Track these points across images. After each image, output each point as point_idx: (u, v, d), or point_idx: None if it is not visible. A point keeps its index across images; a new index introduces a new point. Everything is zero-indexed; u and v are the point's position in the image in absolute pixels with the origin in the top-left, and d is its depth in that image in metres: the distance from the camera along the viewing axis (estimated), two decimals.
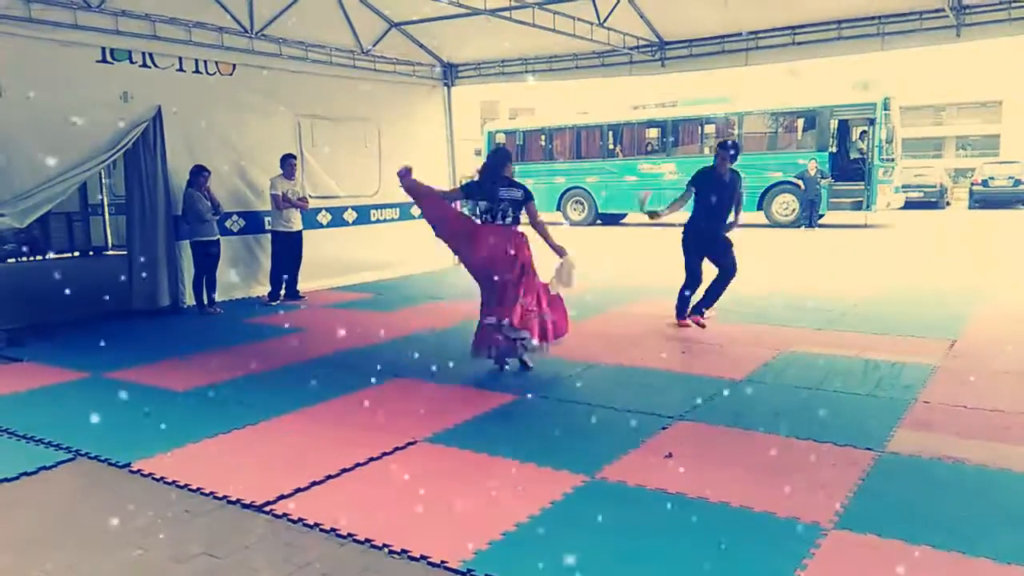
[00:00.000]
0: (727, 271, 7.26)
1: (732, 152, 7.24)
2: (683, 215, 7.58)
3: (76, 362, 6.41)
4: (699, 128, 21.52)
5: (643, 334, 7.16)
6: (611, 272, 10.88)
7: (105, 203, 15.80)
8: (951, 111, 49.40)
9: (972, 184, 27.47)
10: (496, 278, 5.68)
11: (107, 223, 15.99)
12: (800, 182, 18.81)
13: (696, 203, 7.32)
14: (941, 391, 5.15)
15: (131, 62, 8.44)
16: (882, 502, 3.49)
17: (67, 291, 7.93)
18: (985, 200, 26.11)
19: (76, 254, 15.50)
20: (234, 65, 9.45)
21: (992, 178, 26.48)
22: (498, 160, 6.01)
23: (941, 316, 7.60)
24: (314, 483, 3.84)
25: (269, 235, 9.45)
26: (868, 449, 4.11)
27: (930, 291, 9.25)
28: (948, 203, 27.90)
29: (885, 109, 18.89)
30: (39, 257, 14.93)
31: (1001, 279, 10.05)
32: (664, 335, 7.13)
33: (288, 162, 9.23)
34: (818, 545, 3.10)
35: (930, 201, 26.31)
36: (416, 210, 6.97)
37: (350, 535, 3.27)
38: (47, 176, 7.61)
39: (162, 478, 3.96)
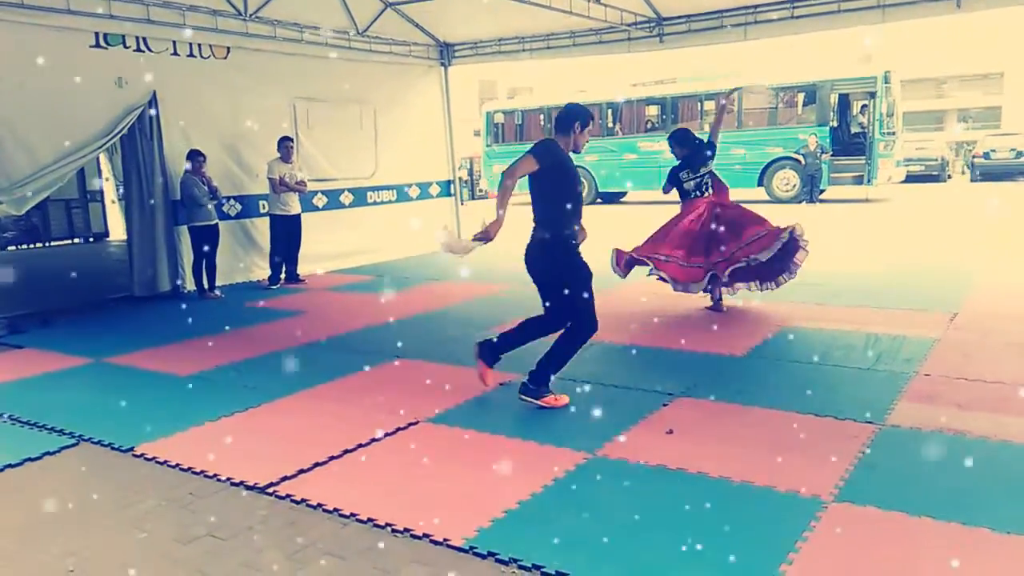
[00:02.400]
0: None
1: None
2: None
3: (78, 348, 6.43)
4: (699, 105, 21.39)
5: (644, 312, 7.15)
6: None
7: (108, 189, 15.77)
8: (952, 83, 48.98)
9: (974, 157, 27.31)
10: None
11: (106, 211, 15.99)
12: (801, 157, 18.75)
13: None
14: (942, 364, 5.15)
15: (125, 47, 8.39)
16: (882, 475, 3.50)
17: (70, 276, 7.93)
18: (987, 172, 25.98)
19: (76, 241, 15.51)
20: (228, 48, 9.39)
21: (994, 150, 26.32)
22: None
23: (942, 289, 7.59)
24: (317, 464, 3.85)
25: (267, 219, 9.43)
26: (869, 422, 4.12)
27: (931, 265, 9.24)
28: (949, 176, 27.79)
29: (886, 82, 18.77)
30: (39, 244, 14.95)
31: (1001, 253, 10.03)
32: (665, 313, 7.13)
33: (285, 145, 9.19)
34: (819, 518, 3.11)
35: (931, 174, 26.19)
36: None
37: (353, 515, 3.29)
38: (44, 163, 7.60)
39: (165, 461, 3.98)
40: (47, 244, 15.11)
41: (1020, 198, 19.28)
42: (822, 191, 19.34)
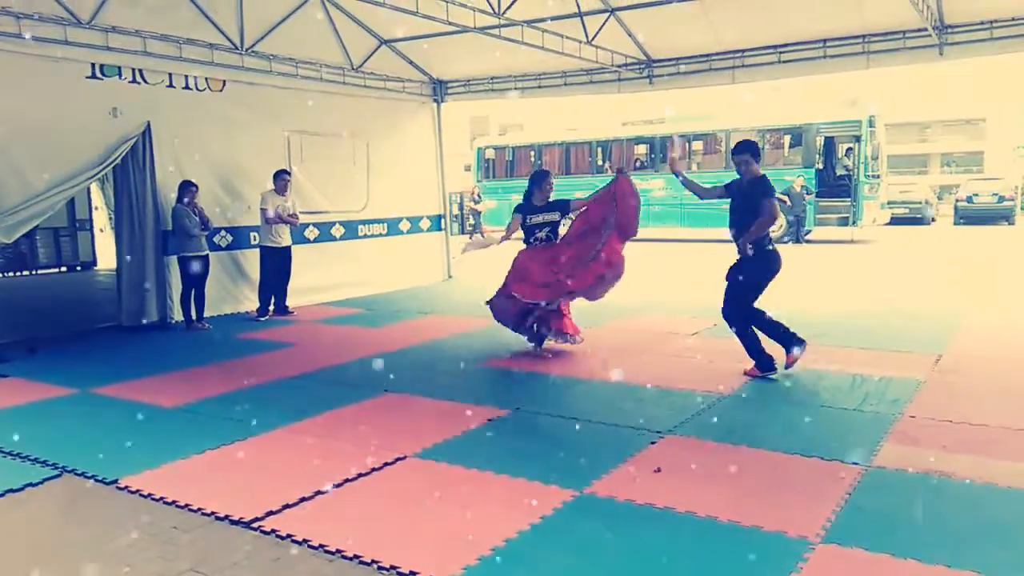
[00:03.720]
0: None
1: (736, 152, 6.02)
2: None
3: (63, 378, 6.38)
4: (687, 144, 21.68)
5: (632, 349, 7.18)
6: None
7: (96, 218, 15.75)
8: (936, 128, 49.91)
9: (957, 200, 27.72)
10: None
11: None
12: (786, 198, 18.95)
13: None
14: (927, 406, 5.19)
15: (120, 78, 8.45)
16: (869, 516, 3.51)
17: (57, 305, 7.89)
18: (970, 216, 26.35)
19: (63, 269, 15.43)
20: (224, 81, 9.48)
21: (976, 194, 26.75)
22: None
23: (927, 331, 7.66)
24: (303, 499, 3.82)
25: (258, 250, 9.44)
26: (855, 464, 4.14)
27: (916, 306, 9.33)
28: (933, 219, 28.17)
29: (871, 126, 19.11)
30: (26, 272, 14.86)
31: (986, 295, 10.15)
32: (652, 350, 7.16)
33: (281, 178, 9.24)
34: (806, 559, 3.11)
35: (915, 217, 26.54)
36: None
37: (338, 551, 3.26)
38: (35, 191, 7.61)
39: (149, 494, 3.94)
40: (34, 272, 15.03)
41: (1002, 242, 19.56)
42: (808, 232, 19.54)
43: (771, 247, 5.95)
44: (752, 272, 5.87)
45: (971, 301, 9.55)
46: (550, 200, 7.09)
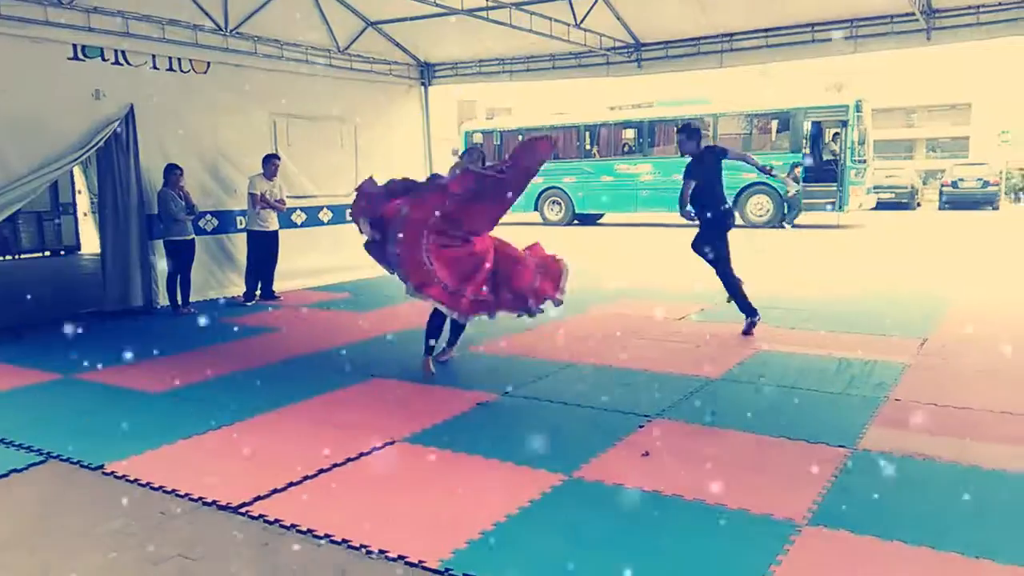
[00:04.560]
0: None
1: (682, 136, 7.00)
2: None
3: (47, 363, 6.32)
4: (675, 129, 21.63)
5: (620, 334, 7.19)
6: (588, 273, 10.91)
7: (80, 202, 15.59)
8: (922, 113, 50.17)
9: (942, 185, 27.92)
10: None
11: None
12: (790, 182, 18.81)
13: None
14: (912, 389, 5.23)
15: (103, 59, 8.33)
16: (855, 499, 3.54)
17: (40, 290, 7.81)
18: (955, 201, 26.55)
19: (47, 253, 15.29)
20: (208, 63, 9.36)
21: (961, 179, 26.95)
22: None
23: (912, 315, 7.72)
24: (291, 484, 3.81)
25: (244, 234, 9.37)
26: (841, 447, 4.17)
27: (901, 291, 9.39)
28: (919, 204, 28.34)
29: (857, 111, 19.14)
30: (8, 257, 14.70)
31: (970, 279, 10.23)
32: (641, 335, 7.17)
33: (271, 162, 9.16)
34: (792, 541, 3.14)
35: (901, 202, 26.70)
36: None
37: (327, 536, 3.26)
38: (17, 175, 7.50)
39: (136, 480, 3.92)
40: (17, 256, 14.87)
41: (987, 227, 19.71)
42: (795, 215, 19.63)
43: (726, 206, 7.05)
44: (719, 233, 6.88)
45: (956, 285, 9.62)
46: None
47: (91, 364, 6.24)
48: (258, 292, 9.39)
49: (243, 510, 3.53)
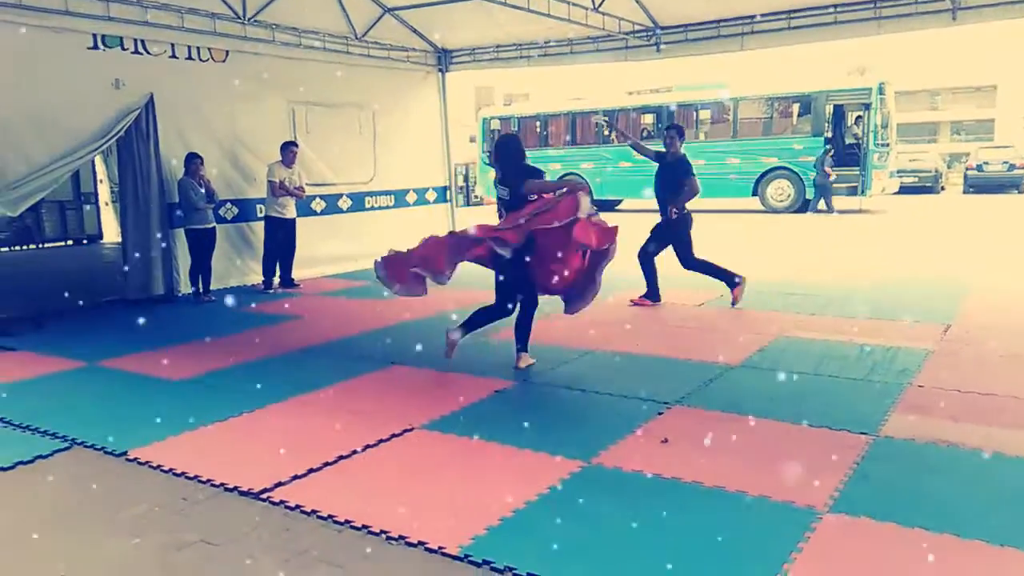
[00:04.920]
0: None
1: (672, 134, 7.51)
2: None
3: (71, 351, 6.40)
4: (694, 113, 21.45)
5: (639, 321, 7.16)
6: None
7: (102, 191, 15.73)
8: (946, 96, 49.33)
9: (967, 169, 27.47)
10: None
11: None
12: (829, 168, 18.43)
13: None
14: (935, 375, 5.16)
15: (123, 49, 8.38)
16: (877, 486, 3.51)
17: (64, 279, 7.90)
18: (979, 185, 26.13)
19: (70, 242, 15.45)
20: (227, 51, 9.39)
21: (987, 163, 26.49)
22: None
23: (935, 301, 7.62)
24: (311, 470, 3.84)
25: (263, 222, 9.42)
26: (863, 433, 4.13)
27: (924, 276, 9.27)
28: (943, 188, 27.93)
29: (880, 94, 18.85)
30: (32, 246, 14.88)
31: (995, 264, 10.08)
32: (660, 321, 7.14)
33: (289, 150, 9.19)
34: (813, 529, 3.11)
35: (925, 186, 26.33)
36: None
37: (347, 521, 3.28)
38: (39, 164, 7.58)
39: (159, 466, 3.96)
40: (40, 246, 15.05)
41: (1012, 211, 19.39)
42: (819, 200, 19.38)
43: (686, 211, 7.55)
44: (681, 231, 7.56)
45: (980, 270, 9.48)
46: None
47: (114, 352, 6.31)
48: (277, 280, 9.44)
49: (264, 496, 3.57)
